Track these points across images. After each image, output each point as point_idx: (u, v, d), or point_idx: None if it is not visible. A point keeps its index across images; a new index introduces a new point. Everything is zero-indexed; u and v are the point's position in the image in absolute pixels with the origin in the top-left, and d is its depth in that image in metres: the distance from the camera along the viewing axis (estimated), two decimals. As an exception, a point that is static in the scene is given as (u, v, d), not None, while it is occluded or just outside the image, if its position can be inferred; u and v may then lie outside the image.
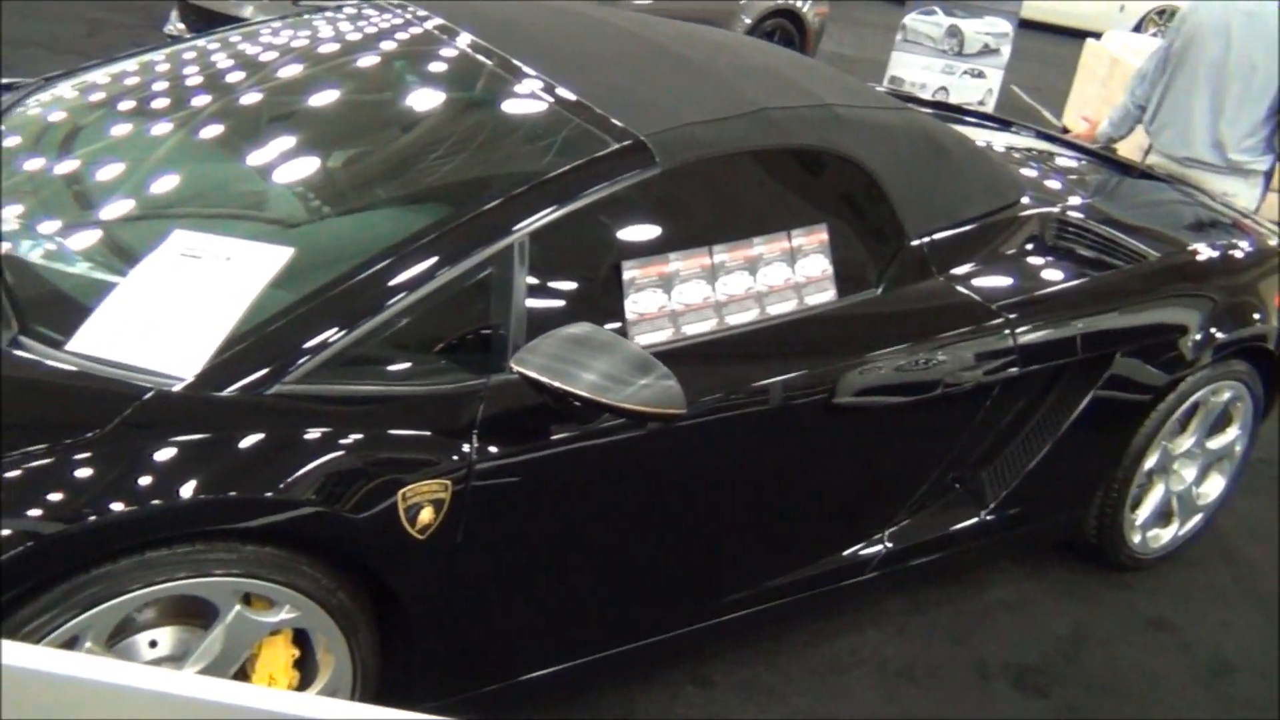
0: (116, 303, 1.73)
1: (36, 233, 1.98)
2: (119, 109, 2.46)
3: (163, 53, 2.72)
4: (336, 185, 2.21)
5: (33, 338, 1.68)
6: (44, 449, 1.50)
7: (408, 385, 1.79)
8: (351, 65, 2.63)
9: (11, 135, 2.30)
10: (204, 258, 1.80)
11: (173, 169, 2.23)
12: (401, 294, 1.78)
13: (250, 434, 1.63)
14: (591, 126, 2.12)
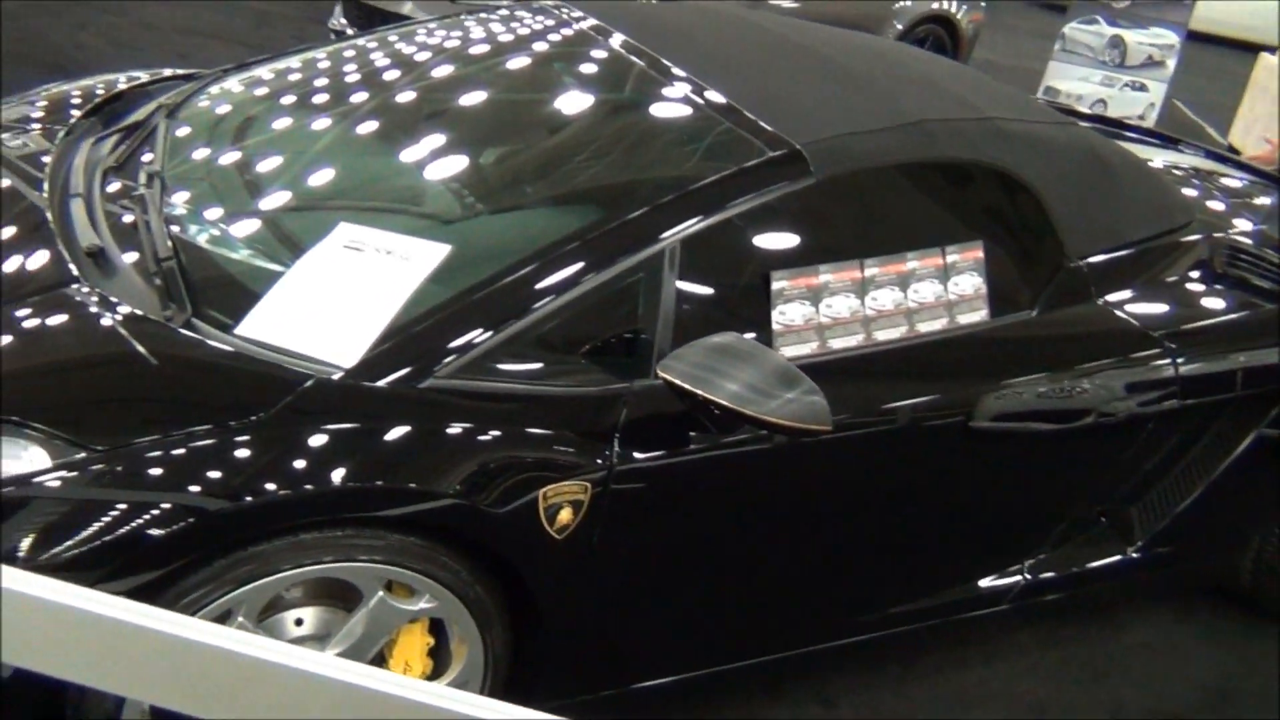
0: (283, 290, 1.79)
1: (209, 220, 2.07)
2: (286, 104, 2.55)
3: (327, 50, 2.80)
4: (490, 184, 2.25)
5: (204, 320, 1.75)
6: (209, 429, 1.56)
7: (553, 386, 1.80)
8: (506, 65, 2.67)
9: (184, 125, 2.41)
10: (366, 250, 1.84)
11: (335, 163, 2.30)
12: (550, 297, 1.80)
13: (400, 425, 1.66)
14: (745, 133, 2.10)
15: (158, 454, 1.53)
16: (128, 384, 1.67)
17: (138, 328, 1.71)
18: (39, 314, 1.77)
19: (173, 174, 2.17)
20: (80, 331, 1.74)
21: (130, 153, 2.26)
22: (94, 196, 2.08)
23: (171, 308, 1.75)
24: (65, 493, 1.50)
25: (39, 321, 1.76)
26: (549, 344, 1.84)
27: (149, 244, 1.90)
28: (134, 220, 2.00)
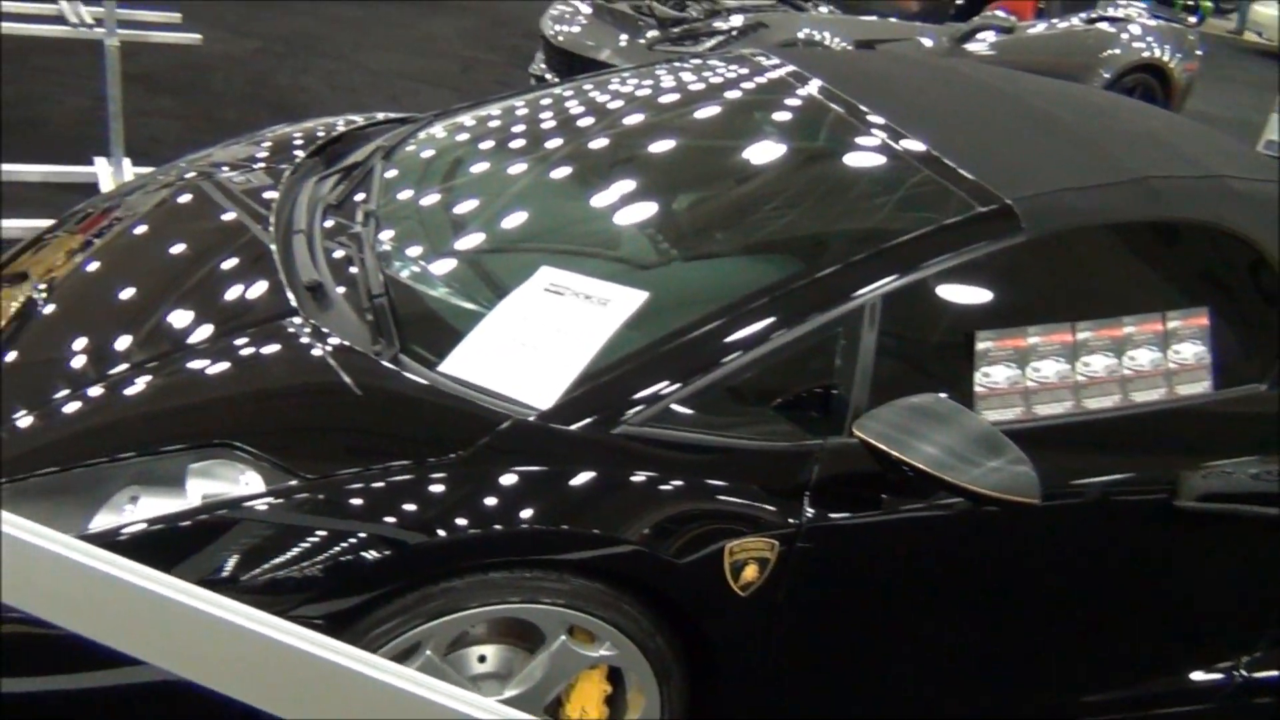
0: (485, 330, 1.83)
1: (418, 258, 2.14)
2: (492, 149, 2.63)
3: (531, 97, 2.88)
4: (686, 231, 2.24)
5: (411, 356, 1.80)
6: (409, 464, 1.60)
7: (744, 438, 1.77)
8: (702, 112, 2.67)
9: (398, 167, 2.51)
10: (566, 294, 1.87)
11: (537, 206, 2.35)
12: (744, 350, 1.77)
13: (589, 470, 1.66)
14: (950, 185, 2.03)
15: (359, 485, 1.58)
16: (337, 414, 1.73)
17: (349, 360, 1.77)
18: (260, 343, 1.86)
19: (387, 213, 2.26)
20: (296, 361, 1.82)
21: (349, 192, 2.37)
22: (315, 233, 2.19)
23: (381, 343, 1.82)
24: (270, 517, 1.56)
25: (260, 350, 1.85)
26: (741, 395, 1.81)
27: (363, 281, 1.98)
28: (350, 257, 2.09)
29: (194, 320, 1.96)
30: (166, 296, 2.05)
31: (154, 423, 1.75)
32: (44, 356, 1.98)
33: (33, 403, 1.80)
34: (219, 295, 2.03)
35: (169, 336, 1.94)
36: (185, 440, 1.67)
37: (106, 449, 1.68)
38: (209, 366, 1.83)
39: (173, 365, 1.84)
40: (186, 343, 1.89)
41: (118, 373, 1.84)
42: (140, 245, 2.36)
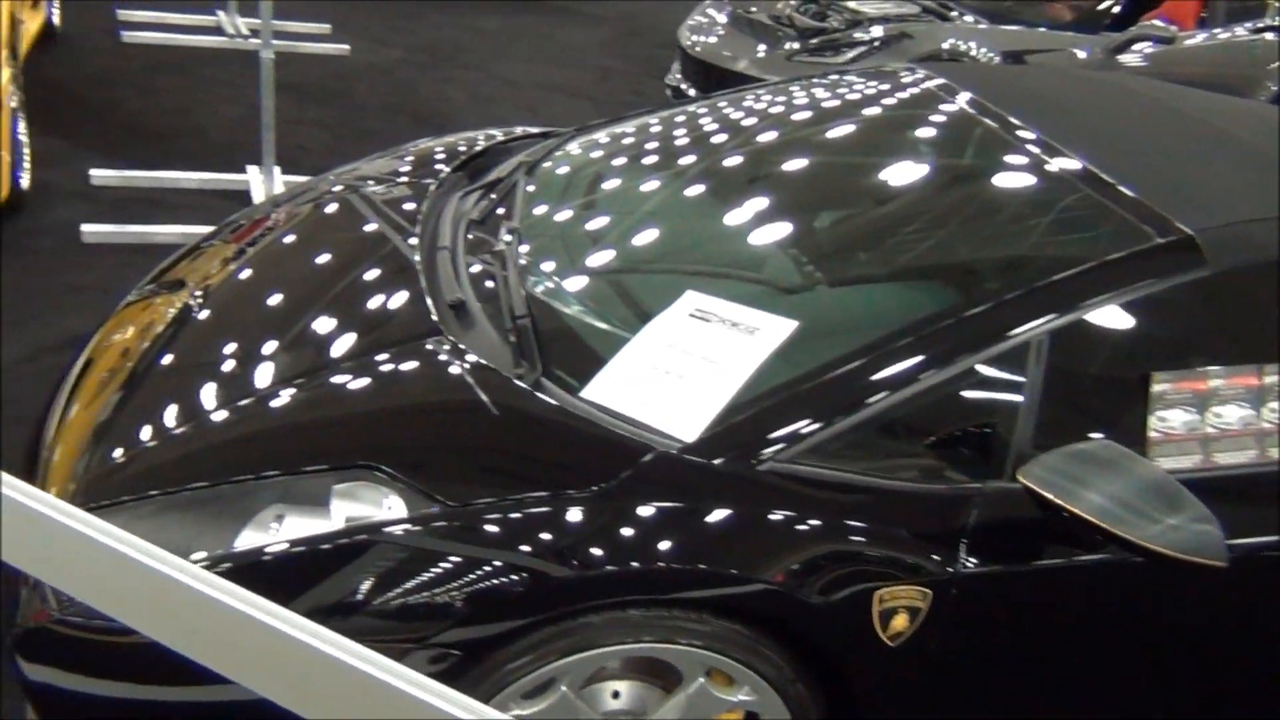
0: (628, 356, 1.78)
1: (561, 278, 2.11)
2: (636, 166, 2.58)
3: (674, 112, 2.83)
4: (835, 256, 2.16)
5: (552, 380, 1.76)
6: (549, 494, 1.56)
7: (896, 480, 1.68)
8: (848, 129, 2.58)
9: (541, 183, 2.49)
10: (712, 321, 1.80)
11: (680, 227, 2.30)
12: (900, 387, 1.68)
13: (731, 506, 1.60)
14: (1123, 211, 1.89)
15: (499, 515, 1.55)
16: (478, 438, 1.71)
17: (490, 382, 1.75)
18: (403, 361, 1.85)
19: (530, 231, 2.24)
20: (438, 382, 1.81)
21: (492, 208, 2.36)
22: (458, 250, 2.18)
23: (523, 366, 1.78)
24: (409, 542, 1.54)
25: (403, 369, 1.84)
26: (894, 434, 1.72)
27: (506, 300, 1.96)
28: (493, 275, 2.07)
29: (340, 335, 1.97)
30: (314, 310, 2.07)
31: (301, 440, 1.76)
32: (198, 363, 2.02)
33: (187, 414, 1.83)
34: (365, 311, 2.04)
35: (316, 351, 1.95)
36: (330, 460, 1.67)
37: (254, 465, 1.70)
38: (354, 384, 1.83)
39: (320, 381, 1.85)
40: (333, 358, 1.90)
41: (267, 386, 1.85)
42: (289, 258, 2.40)
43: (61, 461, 1.89)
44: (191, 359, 2.04)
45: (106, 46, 6.05)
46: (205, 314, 2.18)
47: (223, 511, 1.64)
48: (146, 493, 1.68)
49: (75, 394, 2.07)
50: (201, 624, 0.81)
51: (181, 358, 2.05)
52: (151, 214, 4.09)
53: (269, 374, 1.90)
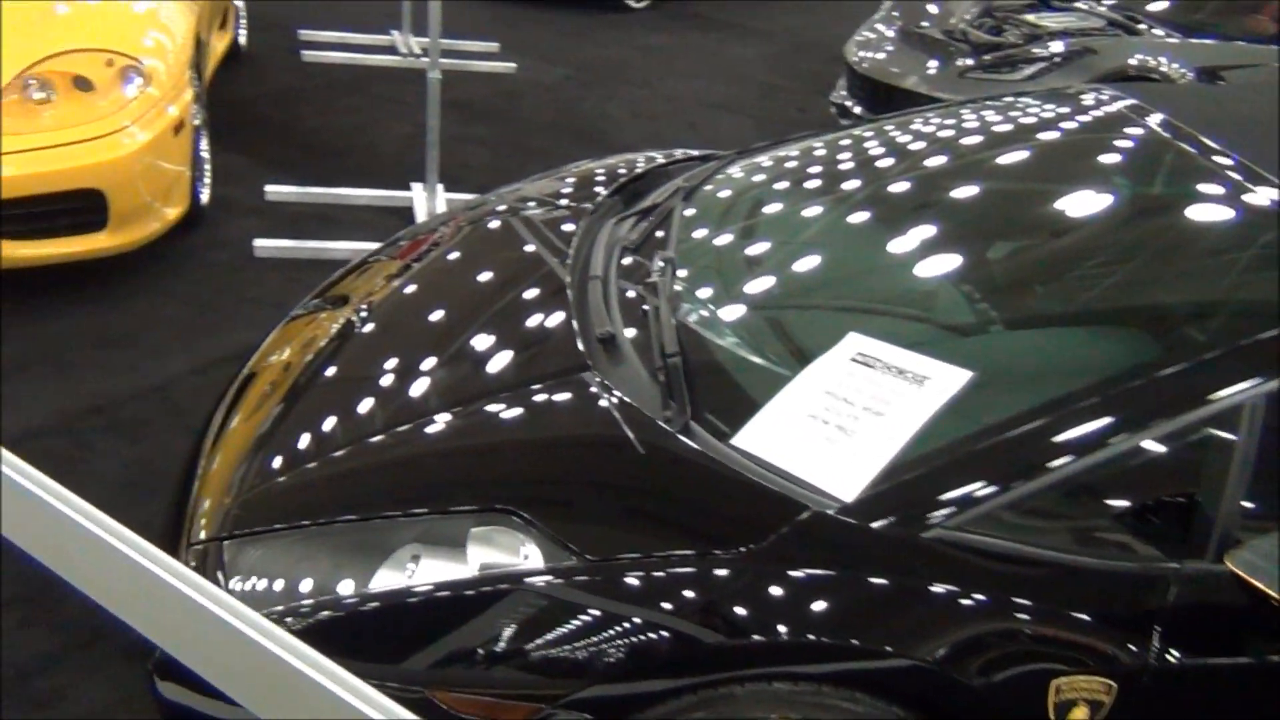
0: (784, 401, 1.66)
1: (715, 313, 2.01)
2: (798, 194, 2.46)
3: (834, 137, 2.69)
4: (1012, 298, 1.98)
5: (702, 424, 1.66)
6: (695, 554, 1.46)
7: (1078, 555, 1.50)
8: (1031, 156, 2.38)
9: (697, 210, 2.39)
10: (876, 367, 1.67)
11: (845, 261, 2.16)
12: (1086, 452, 1.50)
13: (894, 575, 1.46)
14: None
15: (641, 572, 1.45)
16: (622, 486, 1.62)
17: (637, 426, 1.66)
18: (549, 397, 1.79)
19: (684, 261, 2.15)
20: (583, 422, 1.73)
21: (647, 235, 2.27)
22: (610, 280, 2.11)
23: (671, 408, 1.69)
24: (549, 593, 1.47)
25: (549, 406, 1.77)
26: (1080, 503, 1.54)
27: (656, 336, 1.87)
28: (644, 308, 1.99)
29: (490, 365, 1.92)
30: (466, 335, 2.03)
31: (442, 475, 1.71)
32: (355, 381, 2.01)
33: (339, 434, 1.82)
34: (516, 340, 1.98)
35: (464, 379, 1.91)
36: (470, 499, 1.61)
37: (398, 498, 1.66)
38: (499, 418, 1.77)
39: (465, 412, 1.80)
40: (480, 389, 1.85)
41: (414, 414, 1.82)
42: (445, 279, 2.38)
43: (219, 471, 1.90)
44: (349, 376, 2.04)
45: (288, 66, 6.29)
46: (364, 332, 2.18)
47: (364, 546, 1.61)
48: (298, 521, 1.67)
49: (237, 405, 2.10)
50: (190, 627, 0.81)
51: (340, 374, 2.05)
52: (322, 229, 4.20)
53: (418, 400, 1.87)
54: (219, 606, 0.78)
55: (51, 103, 3.34)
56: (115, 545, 0.83)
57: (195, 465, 1.98)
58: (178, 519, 1.86)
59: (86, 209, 3.32)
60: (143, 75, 3.52)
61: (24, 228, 3.24)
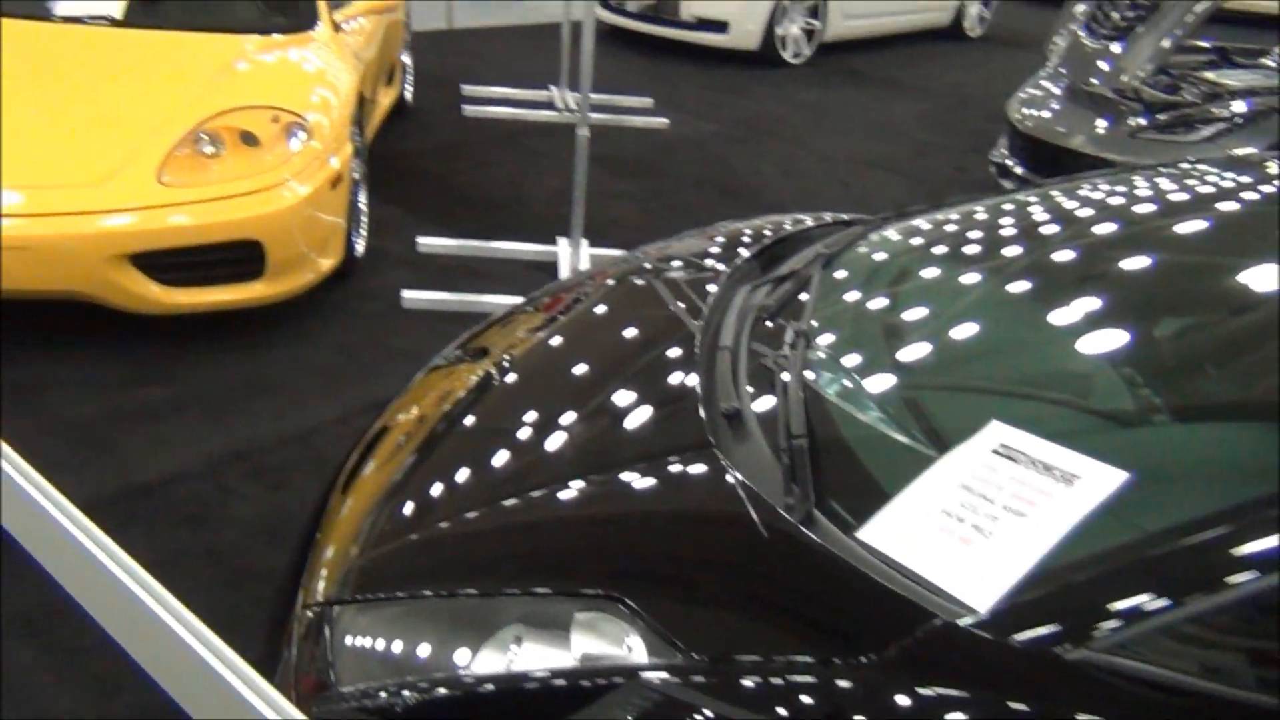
0: (917, 494, 1.53)
1: (848, 391, 1.89)
2: (948, 266, 2.32)
3: (990, 203, 2.54)
4: (1180, 385, 1.80)
5: (826, 513, 1.55)
6: (813, 661, 1.34)
7: (1256, 692, 1.31)
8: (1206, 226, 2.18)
9: (837, 278, 2.28)
10: (1020, 462, 1.52)
11: (989, 339, 2.01)
12: (1267, 571, 1.32)
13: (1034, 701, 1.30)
14: None
15: (755, 677, 1.34)
16: (736, 578, 1.52)
17: (756, 512, 1.56)
18: (669, 475, 1.70)
19: (819, 333, 2.04)
20: (699, 505, 1.64)
21: (781, 305, 2.18)
22: (740, 350, 2.02)
23: (794, 494, 1.58)
24: (663, 689, 1.37)
25: (667, 484, 1.69)
26: (1258, 630, 1.35)
27: (783, 415, 1.77)
28: (773, 382, 1.89)
29: (614, 434, 1.86)
30: (595, 401, 1.98)
31: (555, 553, 1.65)
32: (487, 437, 1.98)
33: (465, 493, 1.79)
34: (643, 408, 1.92)
35: (589, 448, 1.85)
36: (577, 582, 1.54)
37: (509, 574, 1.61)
38: (616, 494, 1.70)
39: (585, 485, 1.74)
40: (601, 460, 1.79)
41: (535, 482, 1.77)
42: (584, 338, 2.34)
43: (349, 517, 1.90)
44: (480, 432, 2.01)
45: (450, 120, 6.49)
46: (500, 387, 2.16)
47: (471, 621, 1.56)
48: (418, 591, 1.64)
49: (371, 454, 2.10)
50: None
51: (472, 430, 2.03)
52: (468, 282, 4.26)
53: (542, 465, 1.83)
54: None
55: (219, 156, 3.49)
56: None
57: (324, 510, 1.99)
58: (300, 563, 1.87)
59: (245, 259, 3.45)
60: (306, 131, 3.65)
61: (187, 275, 3.38)
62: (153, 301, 3.35)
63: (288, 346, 3.62)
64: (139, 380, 3.31)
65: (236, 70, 3.90)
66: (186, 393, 3.27)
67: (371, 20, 5.03)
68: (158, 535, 2.62)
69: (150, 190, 3.31)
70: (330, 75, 4.07)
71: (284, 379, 3.41)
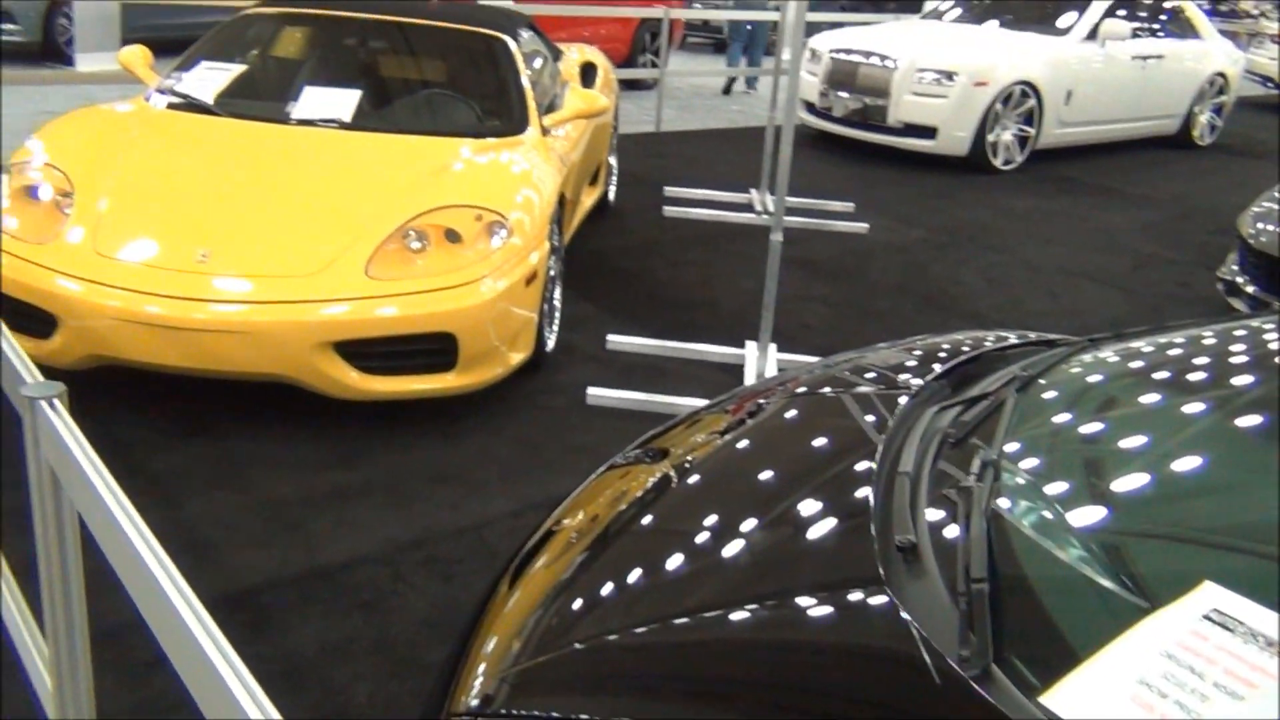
0: (1112, 661, 1.36)
1: (1034, 533, 1.73)
2: (1156, 396, 2.12)
3: (1217, 328, 2.32)
4: None
5: (1005, 670, 1.40)
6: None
7: None
8: None
9: (1034, 405, 2.12)
10: (1237, 633, 1.33)
11: (1208, 486, 1.81)
12: None
13: None
14: None
15: None
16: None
17: (926, 663, 1.42)
18: (834, 611, 1.59)
19: (1009, 464, 1.89)
20: (865, 648, 1.51)
21: (969, 430, 2.04)
22: (921, 479, 1.89)
23: (971, 645, 1.44)
24: None
25: (831, 621, 1.58)
26: None
27: (963, 555, 1.63)
28: (955, 517, 1.75)
29: (786, 558, 1.76)
30: (771, 519, 1.89)
31: (718, 682, 1.56)
32: (657, 543, 1.92)
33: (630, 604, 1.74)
34: (816, 535, 1.82)
35: (759, 570, 1.76)
36: (739, 716, 1.44)
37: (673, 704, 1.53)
38: (784, 622, 1.60)
39: (752, 609, 1.65)
40: (769, 585, 1.70)
41: (701, 604, 1.69)
42: (764, 450, 2.26)
43: (514, 612, 1.88)
44: (655, 536, 1.96)
45: (651, 220, 6.62)
46: (676, 491, 2.10)
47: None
48: (576, 715, 1.59)
49: (542, 549, 2.08)
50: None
51: (647, 532, 1.98)
52: (654, 381, 4.26)
53: (712, 580, 1.75)
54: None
55: (424, 252, 3.66)
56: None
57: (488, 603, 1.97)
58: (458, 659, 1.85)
59: (439, 350, 3.57)
60: (507, 229, 3.78)
61: (384, 364, 3.53)
62: (351, 387, 3.50)
63: (472, 437, 3.69)
64: (332, 463, 3.44)
65: (449, 171, 4.10)
66: (374, 478, 3.38)
67: (579, 125, 5.22)
68: (333, 619, 2.68)
69: (358, 283, 3.49)
70: (535, 177, 4.22)
71: (466, 469, 3.48)
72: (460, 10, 5.21)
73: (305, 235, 3.64)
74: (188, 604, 1.06)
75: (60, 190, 3.76)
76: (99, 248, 3.53)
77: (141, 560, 1.16)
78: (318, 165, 4.08)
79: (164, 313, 3.35)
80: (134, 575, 1.20)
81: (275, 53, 5.27)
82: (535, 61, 5.31)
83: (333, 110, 4.45)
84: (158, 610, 1.05)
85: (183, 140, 4.23)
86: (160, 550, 1.20)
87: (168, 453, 3.42)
